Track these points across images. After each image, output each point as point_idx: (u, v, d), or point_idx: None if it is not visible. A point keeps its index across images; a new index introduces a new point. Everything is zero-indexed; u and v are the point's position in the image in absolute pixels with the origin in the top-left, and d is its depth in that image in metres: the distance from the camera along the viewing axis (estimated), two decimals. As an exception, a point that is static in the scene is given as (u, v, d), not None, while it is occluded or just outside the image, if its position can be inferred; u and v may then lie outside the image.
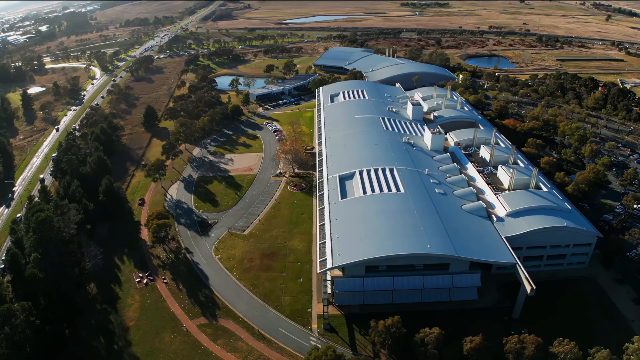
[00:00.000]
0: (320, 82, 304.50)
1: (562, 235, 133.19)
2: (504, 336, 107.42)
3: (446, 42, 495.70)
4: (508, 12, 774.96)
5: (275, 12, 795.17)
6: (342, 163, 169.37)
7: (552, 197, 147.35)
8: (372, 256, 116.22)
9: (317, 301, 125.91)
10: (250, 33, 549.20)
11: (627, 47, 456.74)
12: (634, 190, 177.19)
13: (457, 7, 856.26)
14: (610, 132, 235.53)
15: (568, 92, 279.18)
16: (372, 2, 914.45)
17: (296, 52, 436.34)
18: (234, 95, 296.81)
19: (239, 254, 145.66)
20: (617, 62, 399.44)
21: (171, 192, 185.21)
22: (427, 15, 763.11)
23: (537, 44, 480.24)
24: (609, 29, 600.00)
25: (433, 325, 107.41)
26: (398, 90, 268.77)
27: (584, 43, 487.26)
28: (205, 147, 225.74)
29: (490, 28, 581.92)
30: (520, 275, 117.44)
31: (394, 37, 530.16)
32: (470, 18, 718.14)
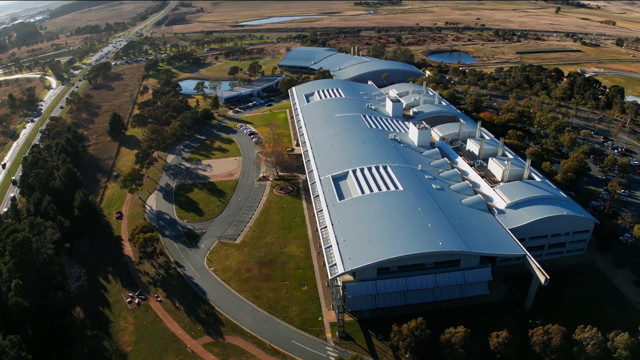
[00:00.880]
0: (290, 82, 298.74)
1: (562, 223, 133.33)
2: (519, 328, 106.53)
3: (406, 39, 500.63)
4: (460, 9, 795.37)
5: (229, 15, 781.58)
6: (332, 163, 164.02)
7: (547, 186, 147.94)
8: (384, 258, 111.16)
9: (326, 308, 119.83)
10: (207, 36, 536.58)
11: (581, 37, 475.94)
12: (614, 176, 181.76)
13: (410, 5, 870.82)
14: (580, 120, 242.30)
15: (535, 83, 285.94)
16: (325, 2, 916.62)
17: (258, 53, 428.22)
18: (201, 99, 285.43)
19: (234, 265, 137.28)
20: (574, 53, 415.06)
21: (150, 203, 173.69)
22: (382, 14, 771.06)
23: (495, 38, 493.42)
24: (560, 20, 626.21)
25: (449, 324, 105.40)
26: (372, 88, 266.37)
27: (539, 36, 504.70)
28: (180, 153, 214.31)
29: (447, 24, 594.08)
30: (531, 266, 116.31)
31: (354, 36, 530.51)
32: (424, 15, 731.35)
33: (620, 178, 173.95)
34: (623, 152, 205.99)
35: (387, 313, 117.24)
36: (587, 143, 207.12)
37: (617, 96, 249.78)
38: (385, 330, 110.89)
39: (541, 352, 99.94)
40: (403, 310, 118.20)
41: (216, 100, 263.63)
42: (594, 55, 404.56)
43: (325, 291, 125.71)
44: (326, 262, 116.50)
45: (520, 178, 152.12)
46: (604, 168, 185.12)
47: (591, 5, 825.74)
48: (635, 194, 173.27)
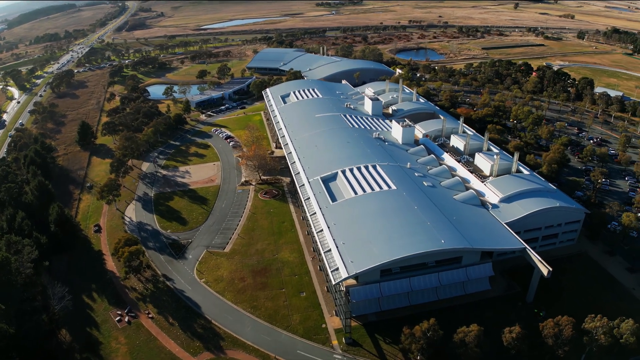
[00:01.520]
0: (261, 84, 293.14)
1: (554, 215, 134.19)
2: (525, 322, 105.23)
3: (372, 39, 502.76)
4: (421, 7, 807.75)
5: (190, 19, 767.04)
6: (319, 164, 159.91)
7: (536, 179, 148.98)
8: (389, 259, 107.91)
9: (329, 314, 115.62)
10: (170, 40, 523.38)
11: (543, 32, 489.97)
12: (593, 166, 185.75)
13: (371, 5, 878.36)
14: (553, 113, 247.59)
15: (506, 78, 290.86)
16: (286, 4, 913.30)
17: (224, 56, 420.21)
18: (171, 104, 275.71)
19: (226, 275, 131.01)
20: (538, 47, 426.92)
21: (129, 214, 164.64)
22: (344, 14, 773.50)
23: (459, 35, 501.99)
24: (520, 16, 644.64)
25: (455, 322, 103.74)
26: (347, 87, 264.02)
27: (502, 31, 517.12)
28: (155, 160, 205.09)
29: (410, 22, 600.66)
30: (531, 259, 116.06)
31: (320, 36, 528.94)
32: (386, 14, 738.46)
33: (601, 168, 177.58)
34: (598, 142, 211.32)
35: (391, 315, 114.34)
36: (563, 135, 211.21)
37: (587, 88, 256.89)
38: (392, 333, 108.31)
39: (554, 344, 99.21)
40: (407, 311, 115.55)
41: (188, 104, 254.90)
42: (558, 48, 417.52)
43: (325, 297, 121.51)
44: (327, 267, 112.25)
45: (508, 172, 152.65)
46: (583, 159, 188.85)
47: (549, 0, 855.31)
48: (615, 183, 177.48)
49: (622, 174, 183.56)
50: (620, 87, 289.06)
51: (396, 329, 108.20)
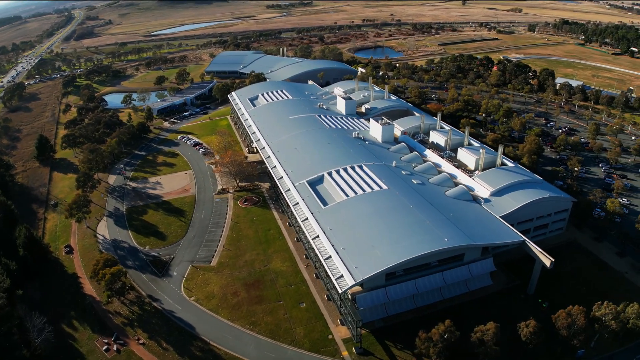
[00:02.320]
0: (224, 88, 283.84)
1: (545, 205, 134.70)
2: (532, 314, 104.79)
3: (329, 38, 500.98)
4: (371, 6, 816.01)
5: (140, 26, 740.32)
6: (303, 167, 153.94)
7: (522, 171, 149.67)
8: (395, 262, 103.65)
9: (333, 324, 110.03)
10: (122, 48, 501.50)
11: (495, 26, 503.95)
12: (566, 155, 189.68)
13: (321, 5, 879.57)
14: (519, 105, 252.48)
15: (469, 72, 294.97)
16: (237, 7, 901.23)
17: (180, 61, 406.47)
18: (131, 112, 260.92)
19: (217, 290, 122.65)
20: (492, 41, 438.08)
21: (101, 232, 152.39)
22: (296, 15, 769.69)
23: (414, 32, 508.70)
24: (469, 12, 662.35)
25: (464, 320, 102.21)
26: (315, 88, 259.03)
27: (455, 27, 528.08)
28: (123, 173, 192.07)
29: (364, 21, 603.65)
30: (532, 251, 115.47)
31: (275, 38, 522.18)
32: (338, 14, 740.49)
33: (577, 156, 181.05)
34: (567, 131, 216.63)
35: (398, 319, 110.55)
36: (534, 126, 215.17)
37: (549, 79, 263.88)
38: (402, 338, 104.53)
39: (568, 335, 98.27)
40: (413, 314, 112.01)
41: (150, 112, 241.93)
42: (511, 42, 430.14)
43: (327, 306, 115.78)
44: (330, 275, 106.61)
45: (493, 165, 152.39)
46: (556, 148, 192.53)
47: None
48: (590, 170, 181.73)
49: (595, 161, 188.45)
50: (577, 76, 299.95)
51: (405, 334, 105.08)
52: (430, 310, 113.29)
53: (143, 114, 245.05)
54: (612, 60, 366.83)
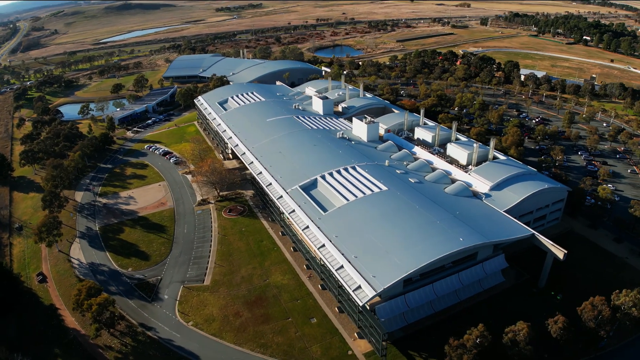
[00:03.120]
0: (187, 93, 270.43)
1: (544, 196, 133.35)
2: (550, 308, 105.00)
3: (285, 39, 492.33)
4: (321, 6, 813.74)
5: (87, 34, 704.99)
6: (292, 172, 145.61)
7: (515, 163, 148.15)
8: (414, 267, 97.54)
9: (351, 338, 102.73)
10: (71, 57, 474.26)
11: (448, 21, 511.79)
12: (545, 146, 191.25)
13: (271, 7, 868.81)
14: (488, 97, 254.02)
15: (435, 67, 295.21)
16: (185, 12, 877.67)
17: (135, 68, 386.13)
18: (91, 123, 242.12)
19: (217, 312, 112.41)
20: (449, 36, 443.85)
21: (75, 255, 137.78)
22: (247, 17, 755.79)
23: (370, 30, 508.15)
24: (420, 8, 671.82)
25: (480, 321, 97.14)
26: (285, 88, 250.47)
27: (409, 24, 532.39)
28: (94, 188, 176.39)
29: (318, 21, 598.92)
30: (543, 244, 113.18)
31: (230, 40, 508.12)
32: (290, 15, 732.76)
33: (556, 146, 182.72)
34: (540, 121, 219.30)
35: (416, 327, 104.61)
36: (508, 118, 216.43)
37: (514, 70, 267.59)
38: (425, 346, 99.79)
39: (596, 326, 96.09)
40: (431, 319, 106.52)
41: (112, 122, 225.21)
42: (467, 36, 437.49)
43: (339, 319, 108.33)
44: (345, 286, 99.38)
45: (484, 159, 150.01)
46: (535, 138, 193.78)
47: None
48: (571, 158, 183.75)
49: (573, 149, 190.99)
50: (537, 67, 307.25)
51: (427, 341, 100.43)
52: (447, 314, 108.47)
53: (104, 124, 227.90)
54: (567, 49, 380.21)
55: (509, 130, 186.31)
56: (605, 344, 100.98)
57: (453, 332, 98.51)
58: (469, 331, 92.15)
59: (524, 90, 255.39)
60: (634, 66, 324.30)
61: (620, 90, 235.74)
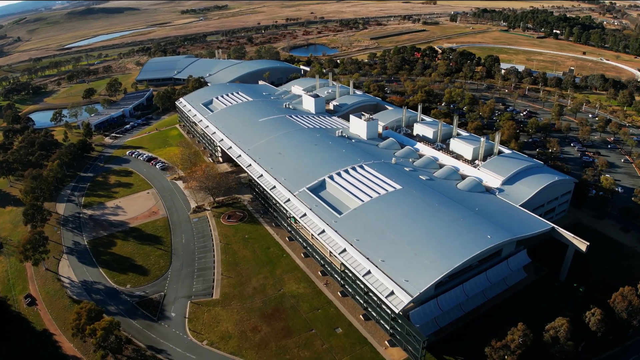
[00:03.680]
0: (165, 96, 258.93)
1: (554, 189, 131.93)
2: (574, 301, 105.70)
3: (257, 39, 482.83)
4: (288, 6, 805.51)
5: (51, 40, 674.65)
6: (296, 173, 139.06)
7: (522, 157, 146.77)
8: (449, 269, 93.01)
9: (382, 347, 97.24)
10: (37, 63, 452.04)
11: (418, 18, 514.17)
12: (537, 138, 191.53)
13: (237, 8, 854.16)
14: (472, 92, 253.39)
15: (416, 64, 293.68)
16: (149, 15, 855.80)
17: (105, 72, 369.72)
18: (66, 130, 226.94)
19: (232, 328, 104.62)
20: (422, 33, 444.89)
21: (65, 273, 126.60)
22: (214, 19, 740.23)
23: (342, 28, 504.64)
24: (387, 6, 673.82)
25: (508, 319, 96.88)
26: (270, 88, 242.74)
27: (380, 21, 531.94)
28: (71, 199, 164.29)
29: (288, 20, 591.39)
30: (564, 237, 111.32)
31: (201, 42, 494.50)
32: (257, 15, 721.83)
33: (548, 138, 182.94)
34: (528, 114, 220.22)
35: (447, 331, 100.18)
36: (497, 112, 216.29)
37: (495, 65, 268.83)
38: (459, 350, 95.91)
39: (628, 317, 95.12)
40: (461, 321, 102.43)
41: (89, 128, 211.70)
42: (439, 32, 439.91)
43: (366, 327, 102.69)
44: (376, 293, 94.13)
45: (490, 154, 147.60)
46: (528, 131, 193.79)
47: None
48: (564, 150, 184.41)
49: (565, 140, 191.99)
50: (514, 61, 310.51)
51: (460, 345, 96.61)
52: (475, 314, 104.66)
53: (80, 130, 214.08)
54: (539, 43, 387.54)
55: (505, 124, 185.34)
56: (631, 334, 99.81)
57: (485, 332, 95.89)
58: (510, 331, 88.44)
59: (506, 84, 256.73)
60: (606, 58, 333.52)
61: (601, 81, 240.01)
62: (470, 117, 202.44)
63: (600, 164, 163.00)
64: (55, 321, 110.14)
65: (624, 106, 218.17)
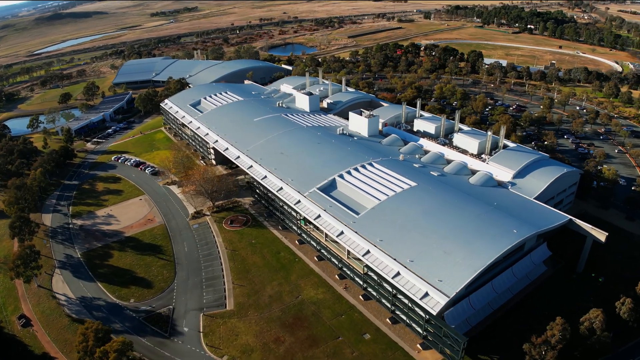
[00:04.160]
0: (147, 98, 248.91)
1: (563, 181, 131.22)
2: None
3: (233, 39, 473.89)
4: (259, 7, 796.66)
5: (19, 47, 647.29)
6: (303, 173, 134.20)
7: (527, 150, 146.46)
8: (482, 266, 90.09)
9: (414, 351, 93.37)
10: (7, 70, 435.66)
11: (392, 16, 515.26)
12: (530, 132, 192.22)
13: (207, 10, 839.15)
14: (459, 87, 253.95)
15: (400, 60, 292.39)
16: (118, 18, 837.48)
17: (79, 76, 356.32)
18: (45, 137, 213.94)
19: (253, 341, 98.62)
20: (398, 30, 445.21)
21: (60, 290, 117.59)
22: (185, 21, 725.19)
23: (318, 27, 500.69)
24: (359, 5, 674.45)
25: (534, 314, 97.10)
26: (257, 87, 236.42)
27: (354, 20, 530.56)
28: (57, 209, 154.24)
29: (261, 21, 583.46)
30: (582, 228, 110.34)
31: (175, 43, 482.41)
32: (228, 16, 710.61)
33: (545, 131, 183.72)
34: (517, 108, 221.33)
35: (478, 329, 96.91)
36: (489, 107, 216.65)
37: (479, 60, 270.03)
38: (492, 348, 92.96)
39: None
40: (489, 319, 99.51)
41: (70, 133, 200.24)
42: (416, 29, 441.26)
43: (395, 330, 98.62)
44: (408, 295, 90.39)
45: (494, 148, 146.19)
46: (522, 124, 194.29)
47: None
48: (559, 142, 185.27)
49: (558, 133, 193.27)
50: (493, 57, 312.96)
51: (492, 343, 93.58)
52: (502, 311, 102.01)
53: (60, 136, 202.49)
54: (515, 38, 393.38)
55: (501, 117, 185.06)
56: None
57: (518, 329, 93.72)
58: (549, 326, 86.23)
59: (491, 79, 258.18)
60: (582, 51, 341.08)
61: (585, 74, 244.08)
62: (465, 112, 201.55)
63: (599, 154, 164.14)
64: (55, 343, 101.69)
65: (609, 97, 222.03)
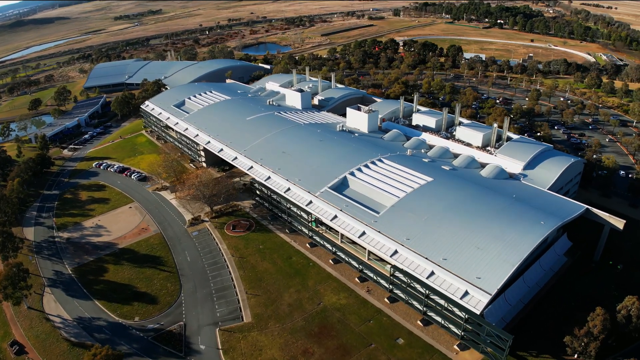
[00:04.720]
0: (124, 101, 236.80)
1: (570, 171, 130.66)
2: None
3: (204, 40, 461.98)
4: (225, 8, 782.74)
5: None
6: (310, 173, 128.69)
7: (531, 140, 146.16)
8: (519, 260, 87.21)
9: (452, 352, 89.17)
10: None
11: (362, 14, 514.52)
12: (521, 123, 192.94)
13: (172, 12, 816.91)
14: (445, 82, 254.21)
15: (380, 57, 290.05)
16: (81, 23, 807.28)
17: (47, 82, 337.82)
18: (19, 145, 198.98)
19: (280, 355, 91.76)
20: (370, 27, 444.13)
21: (53, 311, 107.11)
22: (150, 24, 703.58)
23: (289, 26, 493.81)
24: (326, 4, 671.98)
25: (565, 304, 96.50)
26: (242, 86, 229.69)
27: (324, 19, 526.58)
28: (39, 222, 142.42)
29: (230, 21, 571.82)
30: (599, 217, 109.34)
31: (144, 46, 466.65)
32: (195, 18, 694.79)
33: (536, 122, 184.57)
34: (503, 101, 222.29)
35: (511, 325, 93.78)
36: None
37: (459, 54, 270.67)
38: (530, 344, 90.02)
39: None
40: (522, 314, 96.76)
41: (46, 141, 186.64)
42: (388, 26, 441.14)
43: (428, 332, 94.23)
44: (447, 295, 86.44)
45: (498, 140, 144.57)
46: (514, 116, 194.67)
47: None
48: (550, 133, 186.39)
49: (549, 124, 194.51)
50: (468, 51, 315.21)
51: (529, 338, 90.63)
52: (531, 304, 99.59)
53: (34, 144, 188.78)
54: (486, 33, 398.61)
55: (494, 110, 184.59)
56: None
57: (550, 322, 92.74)
58: (590, 317, 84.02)
59: (472, 73, 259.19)
60: (553, 44, 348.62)
61: (564, 66, 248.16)
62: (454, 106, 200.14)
63: (595, 144, 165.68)
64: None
65: (592, 88, 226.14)
